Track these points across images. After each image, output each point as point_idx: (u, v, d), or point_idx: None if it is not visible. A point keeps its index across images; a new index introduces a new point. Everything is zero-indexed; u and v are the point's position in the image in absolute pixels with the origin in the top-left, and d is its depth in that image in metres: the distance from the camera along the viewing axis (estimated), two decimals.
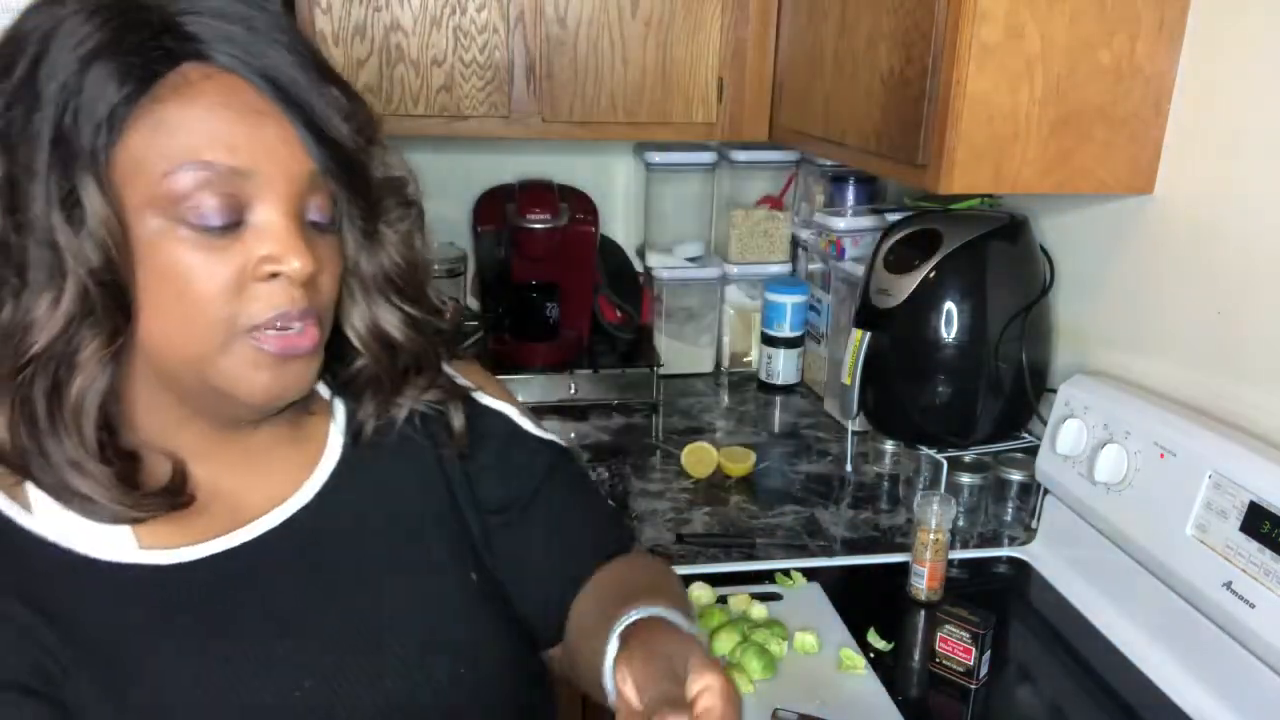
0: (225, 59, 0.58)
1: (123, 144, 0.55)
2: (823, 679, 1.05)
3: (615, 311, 1.92)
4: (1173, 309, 1.19)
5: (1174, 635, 1.07)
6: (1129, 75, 1.12)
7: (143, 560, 0.61)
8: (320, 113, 0.60)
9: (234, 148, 0.57)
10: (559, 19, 1.62)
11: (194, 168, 0.56)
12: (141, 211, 0.56)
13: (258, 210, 0.58)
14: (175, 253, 0.57)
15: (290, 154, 0.59)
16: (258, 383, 0.60)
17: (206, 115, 0.56)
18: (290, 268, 0.58)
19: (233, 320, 0.58)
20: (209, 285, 0.57)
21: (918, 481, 1.45)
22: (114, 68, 0.54)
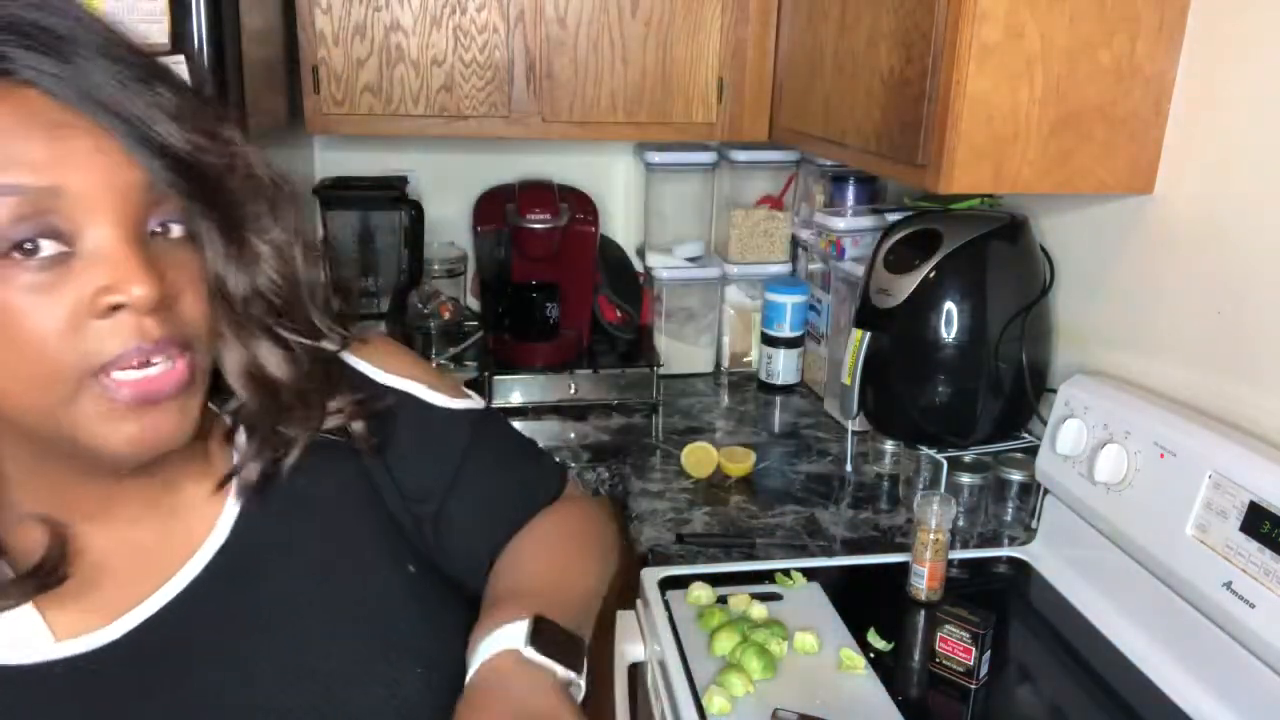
0: (17, 73, 0.50)
1: None
2: (823, 679, 1.05)
3: (615, 311, 1.92)
4: (1173, 309, 1.19)
5: (1174, 635, 1.07)
6: (1129, 75, 1.12)
7: (60, 654, 0.54)
8: (141, 116, 0.52)
9: (36, 165, 0.49)
10: (559, 19, 1.62)
11: None
12: None
13: (86, 235, 0.51)
14: (1, 299, 0.49)
15: (109, 165, 0.51)
16: (120, 435, 0.52)
17: (12, 132, 0.49)
18: (131, 295, 0.50)
19: (77, 366, 0.51)
20: (43, 328, 0.50)
21: (918, 481, 1.45)
22: None
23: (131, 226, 0.52)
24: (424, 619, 0.67)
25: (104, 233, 0.51)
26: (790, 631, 1.10)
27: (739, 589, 1.19)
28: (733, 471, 1.54)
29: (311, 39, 1.57)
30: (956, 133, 1.09)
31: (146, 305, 0.51)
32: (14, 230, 0.49)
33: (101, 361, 0.51)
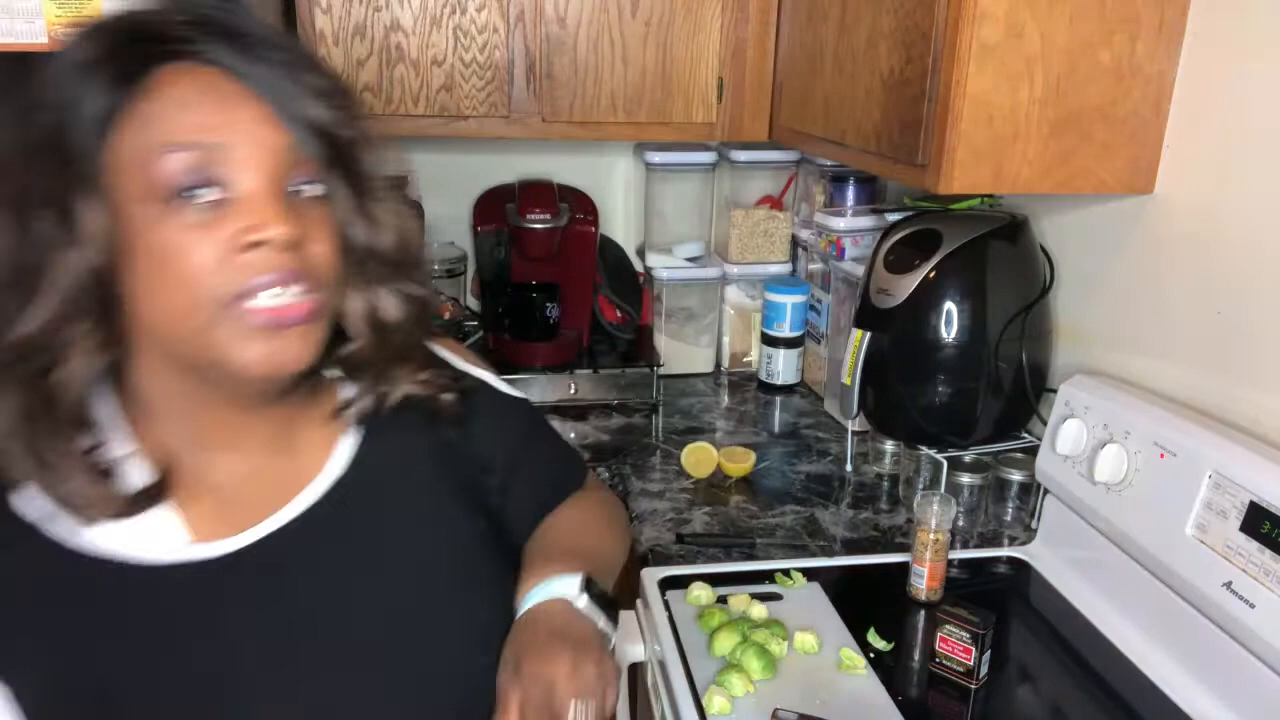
0: (199, 56, 0.62)
1: (111, 146, 0.60)
2: (823, 679, 1.05)
3: (615, 311, 1.93)
4: (1173, 309, 1.19)
5: (1174, 635, 1.07)
6: (1129, 75, 1.12)
7: (193, 556, 0.64)
8: (292, 94, 0.64)
9: (207, 128, 0.61)
10: (559, 19, 1.62)
11: (172, 150, 0.60)
12: (133, 204, 0.60)
13: (237, 183, 0.62)
14: (165, 235, 0.60)
15: (264, 129, 0.63)
16: (252, 354, 0.62)
17: (181, 105, 0.61)
18: (270, 234, 0.61)
19: (222, 293, 0.61)
20: (197, 260, 0.60)
21: (918, 481, 1.45)
22: (103, 78, 0.60)
23: (275, 181, 0.63)
24: (495, 564, 0.79)
25: (252, 184, 0.61)
26: (790, 631, 1.10)
27: (739, 589, 1.19)
28: (733, 471, 1.54)
29: (311, 39, 1.57)
30: (956, 133, 1.09)
31: (282, 244, 0.61)
32: (184, 179, 0.60)
33: (242, 289, 0.61)
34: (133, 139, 0.60)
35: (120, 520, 0.63)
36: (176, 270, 0.60)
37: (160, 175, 0.60)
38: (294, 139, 0.64)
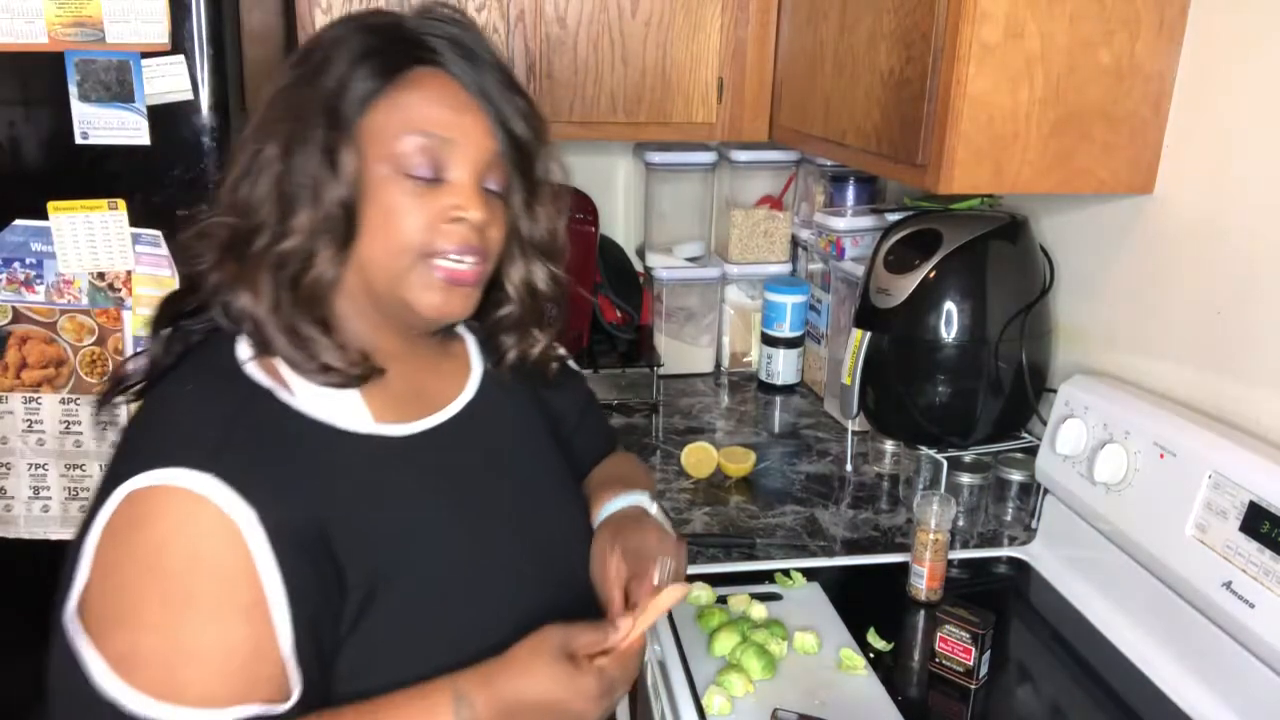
0: (446, 66, 0.81)
1: (369, 116, 0.78)
2: (823, 679, 1.05)
3: (615, 311, 1.92)
4: (1173, 309, 1.19)
5: (1174, 635, 1.07)
6: (1129, 75, 1.12)
7: (379, 432, 0.81)
8: (506, 112, 0.83)
9: (443, 124, 0.79)
10: (559, 19, 1.62)
11: (415, 135, 0.77)
12: (375, 163, 0.77)
13: (452, 171, 0.79)
14: (393, 195, 0.77)
15: (481, 135, 0.81)
16: (429, 301, 0.80)
17: (427, 101, 0.79)
18: (470, 215, 0.79)
19: (421, 248, 0.78)
20: (412, 220, 0.78)
21: (918, 481, 1.45)
22: (372, 67, 0.78)
23: (479, 176, 0.81)
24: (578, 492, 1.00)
25: (463, 175, 0.79)
26: (790, 631, 1.10)
27: (739, 589, 1.19)
28: (733, 471, 1.54)
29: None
30: (956, 133, 1.09)
31: (477, 222, 0.79)
32: (417, 158, 0.77)
33: (435, 249, 0.78)
34: (385, 116, 0.78)
35: (342, 388, 0.79)
36: (396, 223, 0.77)
37: (401, 150, 0.77)
38: (499, 147, 0.82)
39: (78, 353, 1.39)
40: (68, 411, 1.41)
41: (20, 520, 1.43)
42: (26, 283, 1.37)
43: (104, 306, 1.38)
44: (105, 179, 1.33)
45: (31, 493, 1.43)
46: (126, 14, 1.28)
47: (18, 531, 1.43)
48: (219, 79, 1.31)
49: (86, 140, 1.32)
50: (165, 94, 1.31)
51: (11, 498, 1.43)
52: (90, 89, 1.30)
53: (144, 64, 1.30)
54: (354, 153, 0.77)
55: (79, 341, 1.39)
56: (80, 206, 1.34)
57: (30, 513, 1.43)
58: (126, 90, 1.31)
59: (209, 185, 1.35)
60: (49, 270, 1.36)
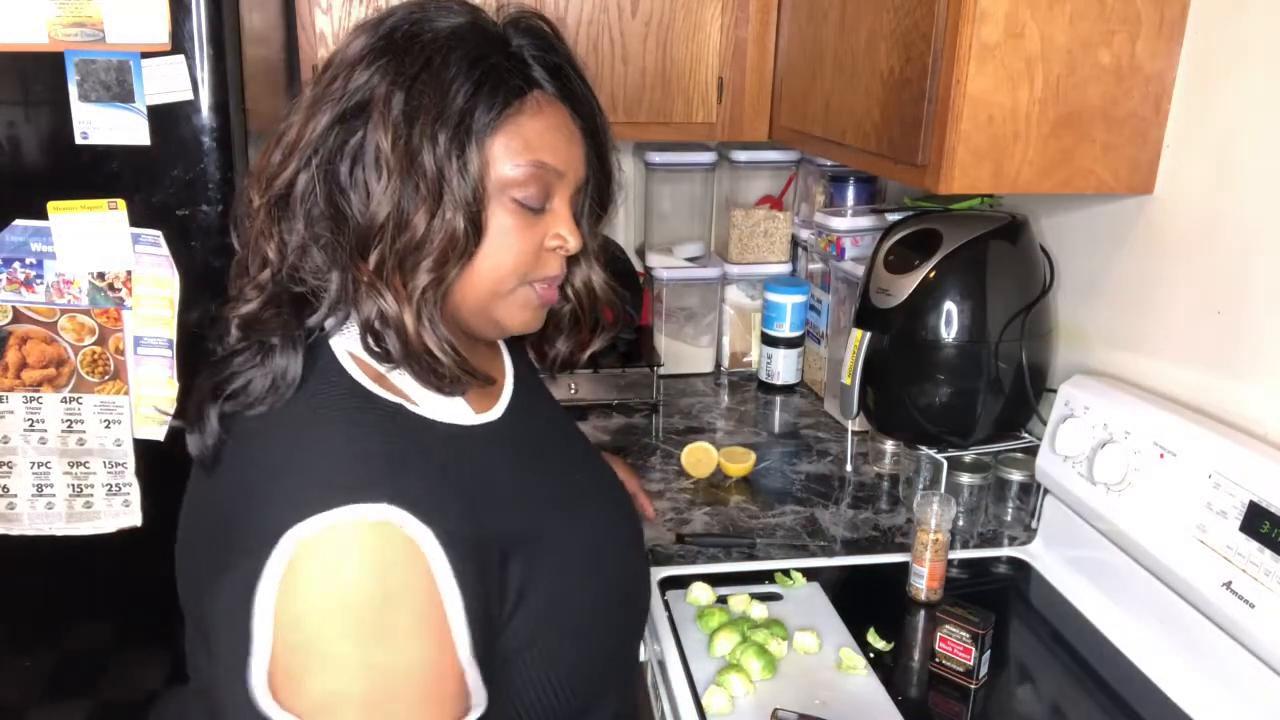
0: (559, 94, 0.82)
1: (494, 136, 0.77)
2: (823, 679, 1.05)
3: None
4: (1173, 309, 1.19)
5: (1174, 635, 1.07)
6: (1129, 75, 1.12)
7: (477, 422, 0.84)
8: (601, 142, 0.87)
9: (559, 156, 0.81)
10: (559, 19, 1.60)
11: (534, 165, 0.79)
12: (493, 184, 0.78)
13: (556, 200, 0.82)
14: (508, 218, 0.79)
15: (580, 166, 0.84)
16: (523, 319, 0.84)
17: (546, 130, 0.80)
18: (569, 245, 0.83)
19: (526, 273, 0.82)
20: (523, 246, 0.80)
21: (918, 481, 1.45)
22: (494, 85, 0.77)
23: (574, 205, 0.85)
24: None
25: (564, 206, 0.83)
26: (790, 631, 1.11)
27: (739, 589, 1.19)
28: (733, 471, 1.54)
29: (311, 39, 1.57)
30: (956, 133, 1.09)
31: (574, 252, 0.84)
32: (532, 187, 0.79)
33: (536, 276, 0.83)
34: (507, 140, 0.78)
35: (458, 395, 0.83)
36: (509, 246, 0.79)
37: (520, 177, 0.78)
38: (588, 175, 0.86)
39: (78, 353, 1.39)
40: (69, 410, 1.41)
41: (24, 518, 1.43)
42: (26, 283, 1.37)
43: (104, 306, 1.38)
44: (105, 179, 1.33)
45: (35, 490, 1.43)
46: (126, 14, 1.28)
47: (21, 529, 1.43)
48: (219, 79, 1.31)
49: (86, 140, 1.32)
50: (165, 94, 1.31)
51: (15, 495, 1.43)
52: (90, 89, 1.30)
53: (144, 64, 1.30)
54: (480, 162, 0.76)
55: (79, 341, 1.39)
56: (80, 206, 1.34)
57: (34, 510, 1.43)
58: (126, 90, 1.31)
59: (209, 185, 1.35)
60: (49, 270, 1.36)
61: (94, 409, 1.41)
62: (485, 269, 0.79)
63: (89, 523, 1.44)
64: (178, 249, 1.36)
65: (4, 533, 1.44)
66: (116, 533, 1.44)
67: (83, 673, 1.51)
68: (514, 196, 0.78)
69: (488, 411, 0.87)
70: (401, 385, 0.79)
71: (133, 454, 1.42)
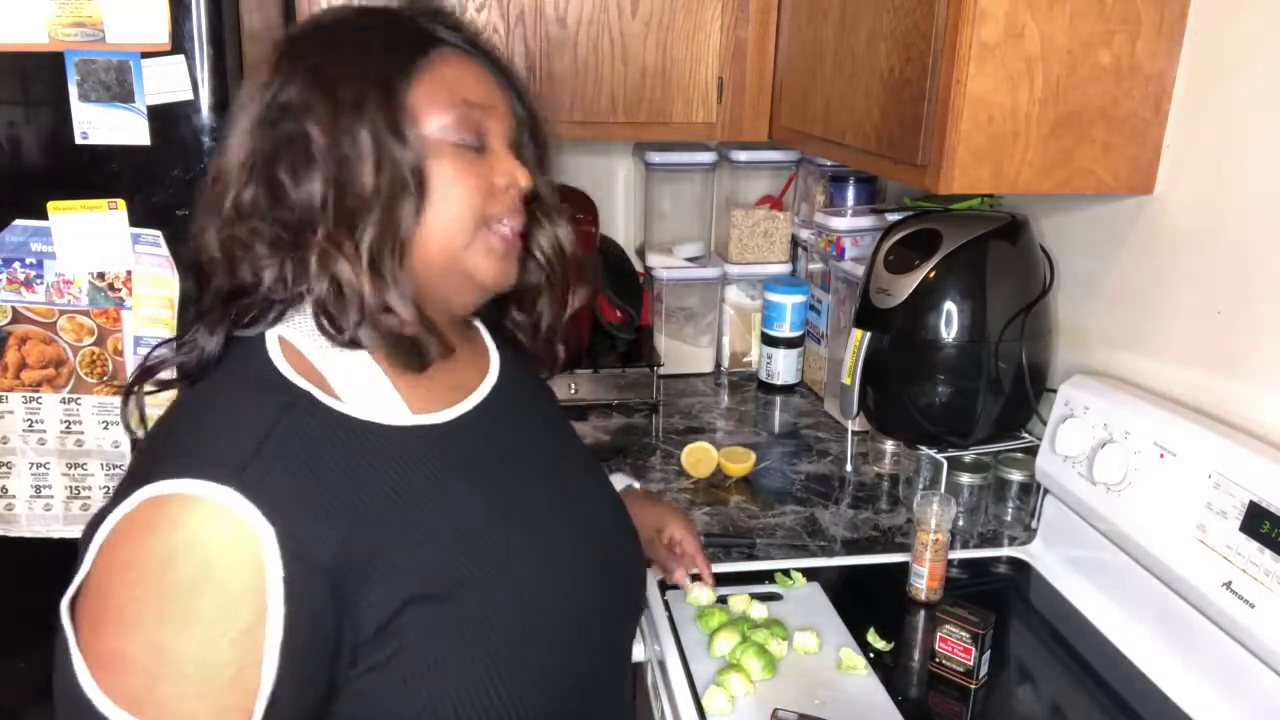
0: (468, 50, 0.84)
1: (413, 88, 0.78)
2: (823, 679, 1.05)
3: (615, 311, 1.92)
4: (1173, 309, 1.19)
5: (1174, 635, 1.07)
6: (1129, 75, 1.12)
7: (415, 423, 0.80)
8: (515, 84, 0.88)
9: (483, 94, 0.82)
10: (559, 19, 1.62)
11: (461, 104, 0.80)
12: (425, 130, 0.78)
13: (491, 141, 0.82)
14: (450, 161, 0.79)
15: (506, 107, 0.85)
16: (493, 268, 0.82)
17: (465, 73, 0.82)
18: (522, 184, 0.83)
19: (482, 216, 0.81)
20: (471, 188, 0.80)
21: (918, 481, 1.45)
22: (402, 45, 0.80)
23: (512, 145, 0.84)
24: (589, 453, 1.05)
25: (501, 145, 0.83)
26: (790, 631, 1.11)
27: (739, 589, 1.19)
28: (733, 471, 1.54)
29: None
30: (956, 133, 1.09)
31: (526, 189, 0.83)
32: (464, 127, 0.80)
33: (493, 216, 0.81)
34: (429, 88, 0.79)
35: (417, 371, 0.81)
36: (457, 191, 0.79)
37: (451, 119, 0.79)
38: (516, 119, 0.86)
39: (77, 353, 1.39)
40: (68, 411, 1.41)
41: (22, 519, 1.43)
42: (26, 283, 1.37)
43: (104, 306, 1.38)
44: (105, 179, 1.33)
45: (33, 491, 1.43)
46: (126, 14, 1.28)
47: (20, 530, 1.43)
48: (219, 79, 1.31)
49: (86, 140, 1.32)
50: (165, 94, 1.31)
51: (13, 497, 1.43)
52: (90, 89, 1.30)
53: (144, 64, 1.30)
54: (410, 119, 0.77)
55: (79, 341, 1.39)
56: (80, 206, 1.34)
57: (32, 511, 1.43)
58: (126, 90, 1.31)
59: None
60: (49, 270, 1.36)
61: (92, 410, 1.41)
62: (440, 220, 0.78)
63: None
64: (178, 249, 1.36)
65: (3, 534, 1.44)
66: None
67: None
68: (450, 141, 0.79)
69: (437, 412, 0.82)
70: (333, 378, 0.77)
71: (130, 456, 1.42)
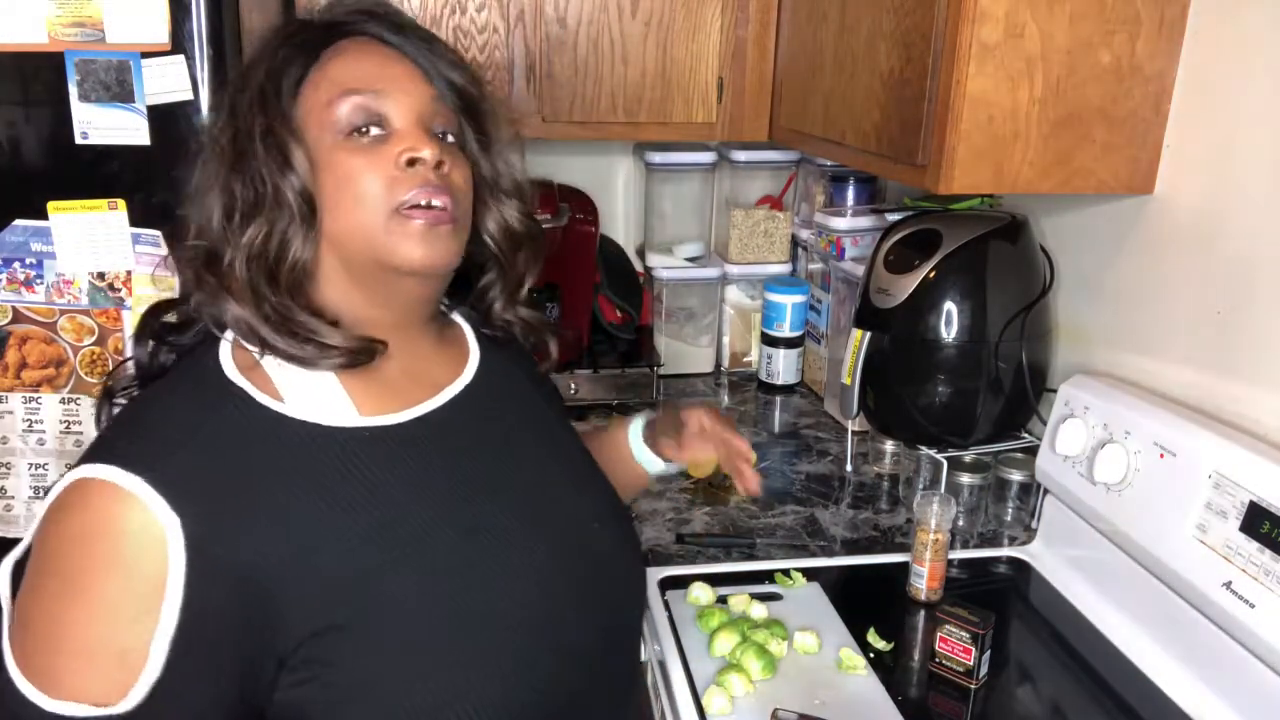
0: (366, 32, 0.83)
1: (303, 97, 0.80)
2: (823, 679, 1.05)
3: (615, 311, 1.92)
4: (1173, 309, 1.19)
5: (1174, 635, 1.07)
6: (1129, 75, 1.12)
7: (364, 424, 0.79)
8: (432, 60, 0.84)
9: (371, 78, 0.80)
10: (559, 19, 1.62)
11: (346, 95, 0.78)
12: (319, 136, 0.78)
13: (394, 121, 0.80)
14: (343, 160, 0.78)
15: (412, 81, 0.82)
16: (416, 253, 0.78)
17: (352, 62, 0.81)
18: (422, 154, 0.78)
19: (389, 203, 0.78)
20: (369, 177, 0.77)
21: (918, 481, 1.45)
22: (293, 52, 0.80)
23: (423, 120, 0.81)
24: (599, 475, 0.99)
25: (405, 122, 0.80)
26: (790, 631, 1.11)
27: (739, 589, 1.19)
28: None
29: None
30: (956, 133, 1.09)
31: (432, 160, 0.79)
32: (355, 116, 0.78)
33: (403, 200, 0.78)
34: (315, 90, 0.79)
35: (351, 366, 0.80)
36: (354, 189, 0.77)
37: (338, 114, 0.78)
38: (436, 92, 0.83)
39: (78, 353, 1.39)
40: (68, 411, 1.41)
41: (21, 520, 1.43)
42: (26, 283, 1.37)
43: (104, 306, 1.38)
44: (105, 179, 1.33)
45: (32, 492, 1.43)
46: (126, 14, 1.28)
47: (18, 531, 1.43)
48: (219, 79, 1.31)
49: (86, 140, 1.32)
50: (165, 94, 1.31)
51: (12, 497, 1.43)
52: (90, 89, 1.30)
53: (144, 64, 1.29)
54: (296, 137, 0.78)
55: (79, 341, 1.39)
56: (80, 206, 1.34)
57: (30, 512, 1.43)
58: (126, 90, 1.30)
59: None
60: (49, 270, 1.36)
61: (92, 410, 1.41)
62: (344, 218, 0.78)
63: None
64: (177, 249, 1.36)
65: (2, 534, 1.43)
66: None
67: None
68: (342, 133, 0.78)
69: (391, 414, 0.81)
70: (278, 378, 0.78)
71: None
